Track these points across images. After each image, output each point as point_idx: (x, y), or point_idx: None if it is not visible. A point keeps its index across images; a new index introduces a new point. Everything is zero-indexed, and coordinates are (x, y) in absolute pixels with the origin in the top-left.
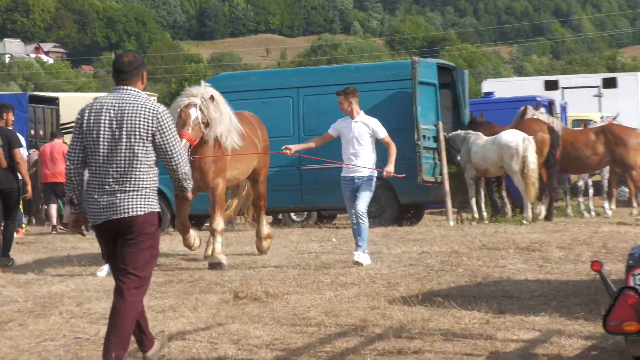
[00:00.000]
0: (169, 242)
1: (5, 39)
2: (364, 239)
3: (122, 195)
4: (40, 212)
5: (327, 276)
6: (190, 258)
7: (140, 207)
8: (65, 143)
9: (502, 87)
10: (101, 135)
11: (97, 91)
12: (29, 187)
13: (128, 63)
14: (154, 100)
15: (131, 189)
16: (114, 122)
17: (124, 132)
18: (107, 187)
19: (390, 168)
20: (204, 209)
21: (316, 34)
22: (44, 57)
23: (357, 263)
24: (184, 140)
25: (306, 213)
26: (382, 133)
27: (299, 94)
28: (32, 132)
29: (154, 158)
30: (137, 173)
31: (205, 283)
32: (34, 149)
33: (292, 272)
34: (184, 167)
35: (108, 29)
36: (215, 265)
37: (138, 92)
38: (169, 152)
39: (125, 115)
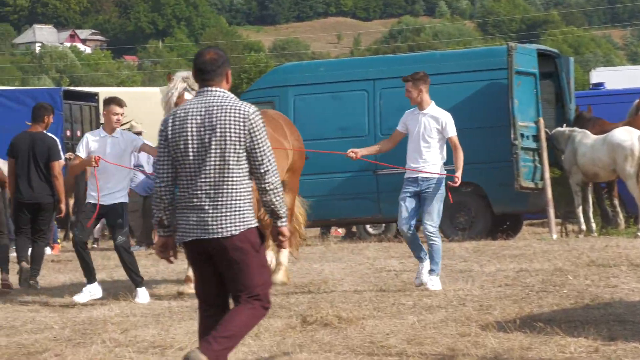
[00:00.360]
0: None
1: (36, 25)
2: (437, 262)
3: (214, 212)
4: None
5: (409, 298)
6: None
7: (236, 226)
8: None
9: (614, 77)
10: (189, 145)
11: (142, 85)
12: (63, 206)
13: (210, 61)
14: None
15: (224, 203)
16: (202, 129)
17: (214, 139)
18: (196, 201)
19: (459, 175)
20: None
21: (395, 17)
22: (80, 46)
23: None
24: None
25: (384, 225)
26: (452, 131)
27: (375, 87)
28: (68, 133)
29: (247, 166)
30: (230, 184)
31: None
32: (70, 153)
33: (369, 294)
34: (274, 177)
35: (154, 13)
36: None
37: (225, 92)
38: (259, 157)
39: (214, 119)
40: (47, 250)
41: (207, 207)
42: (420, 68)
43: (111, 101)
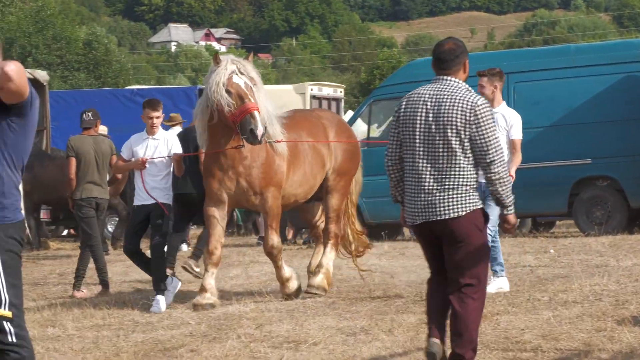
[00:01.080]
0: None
1: (171, 24)
2: (498, 261)
3: (441, 195)
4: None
5: (544, 293)
6: (385, 272)
7: (462, 207)
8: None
9: None
10: (417, 129)
11: (276, 83)
12: None
13: (449, 51)
14: (341, 92)
15: (450, 187)
16: (430, 115)
17: (441, 126)
18: (424, 185)
19: (512, 171)
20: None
21: (530, 10)
22: (215, 45)
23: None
24: (256, 112)
25: (518, 220)
26: (517, 134)
27: (510, 81)
28: None
29: (472, 155)
30: (457, 169)
31: (403, 302)
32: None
33: (503, 290)
34: (500, 167)
35: (288, 11)
36: (294, 295)
37: (458, 82)
38: (484, 147)
39: (442, 107)
40: (184, 246)
41: (435, 191)
42: (554, 62)
43: (146, 105)
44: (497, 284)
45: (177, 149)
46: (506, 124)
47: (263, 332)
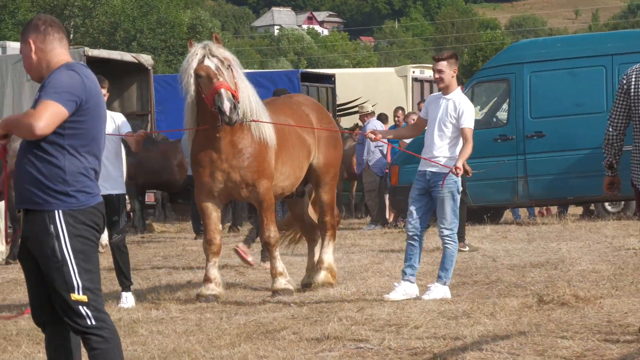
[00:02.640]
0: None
1: (274, 8)
2: (447, 269)
3: None
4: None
5: None
6: (487, 255)
7: None
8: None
9: None
10: None
11: (378, 66)
12: None
13: None
14: None
15: None
16: None
17: None
18: None
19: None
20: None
21: None
22: (317, 28)
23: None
24: (222, 89)
25: (623, 202)
26: (469, 123)
27: (614, 63)
28: None
29: None
30: None
31: (505, 285)
32: None
33: (607, 273)
34: None
35: None
36: (283, 292)
37: None
38: None
39: None
40: None
41: None
42: None
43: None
44: (404, 289)
45: (127, 127)
46: (455, 112)
47: (364, 315)
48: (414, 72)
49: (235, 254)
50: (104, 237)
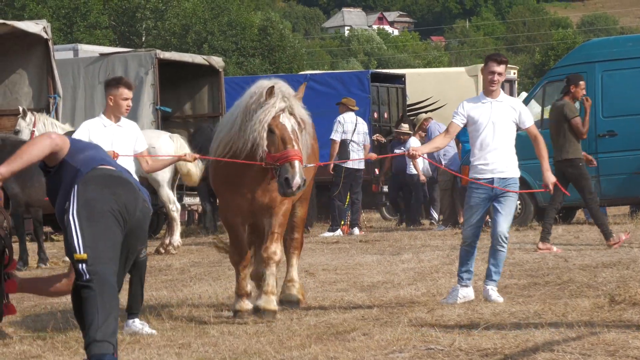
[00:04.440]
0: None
1: (345, 9)
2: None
3: None
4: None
5: None
6: (559, 255)
7: None
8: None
9: None
10: None
11: (449, 66)
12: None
13: None
14: (514, 74)
15: None
16: None
17: None
18: None
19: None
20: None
21: None
22: (387, 28)
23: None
24: (297, 162)
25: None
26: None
27: None
28: (376, 115)
29: None
30: None
31: (576, 285)
32: (378, 134)
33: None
34: None
35: None
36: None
37: None
38: None
39: None
40: (356, 230)
41: None
42: None
43: (119, 83)
44: (462, 293)
45: (142, 144)
46: (516, 113)
47: (434, 316)
48: None
49: None
50: (176, 239)
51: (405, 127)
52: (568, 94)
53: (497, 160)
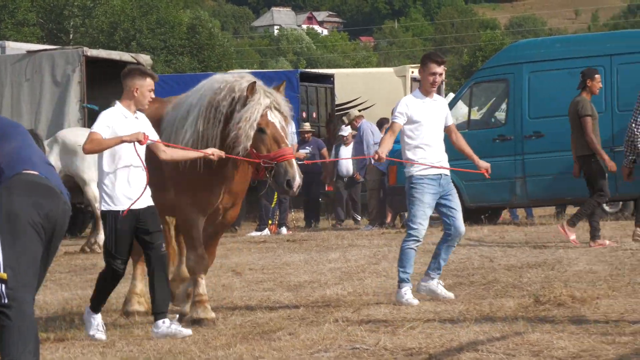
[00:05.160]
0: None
1: (274, 8)
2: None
3: None
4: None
5: None
6: (485, 256)
7: None
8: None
9: None
10: None
11: (378, 66)
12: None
13: None
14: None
15: None
16: None
17: None
18: None
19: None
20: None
21: None
22: (317, 28)
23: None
24: (294, 160)
25: (621, 203)
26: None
27: (613, 63)
28: (304, 114)
29: None
30: None
31: (501, 286)
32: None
33: (603, 273)
34: None
35: None
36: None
37: None
38: None
39: None
40: (283, 230)
41: None
42: None
43: (145, 73)
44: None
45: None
46: (444, 112)
47: (360, 315)
48: (413, 72)
49: None
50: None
51: (306, 126)
52: (585, 89)
53: (438, 156)
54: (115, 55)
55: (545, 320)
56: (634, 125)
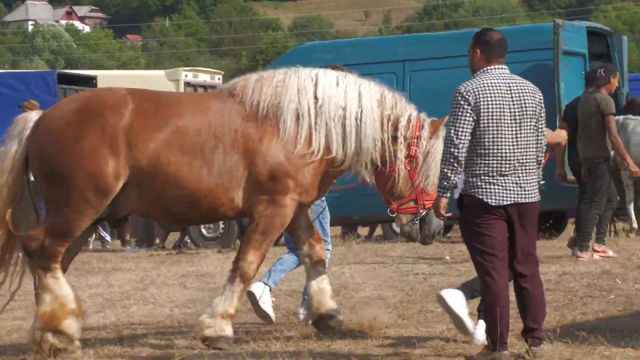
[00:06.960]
0: None
1: (28, 1)
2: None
3: (527, 178)
4: None
5: (438, 305)
6: None
7: (537, 192)
8: None
9: None
10: (503, 116)
11: (147, 68)
12: None
13: (502, 41)
14: (219, 79)
15: (531, 171)
16: (511, 102)
17: (525, 112)
18: (513, 168)
19: None
20: None
21: None
22: (78, 24)
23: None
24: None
25: None
26: None
27: (405, 69)
28: None
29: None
30: (533, 153)
31: (282, 314)
32: None
33: (393, 300)
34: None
35: None
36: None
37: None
38: (542, 129)
39: (520, 94)
40: None
41: (522, 174)
42: (456, 49)
43: None
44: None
45: None
46: None
47: (124, 347)
48: (186, 75)
49: None
50: None
51: None
52: (605, 86)
53: None
54: None
55: (329, 351)
56: None
